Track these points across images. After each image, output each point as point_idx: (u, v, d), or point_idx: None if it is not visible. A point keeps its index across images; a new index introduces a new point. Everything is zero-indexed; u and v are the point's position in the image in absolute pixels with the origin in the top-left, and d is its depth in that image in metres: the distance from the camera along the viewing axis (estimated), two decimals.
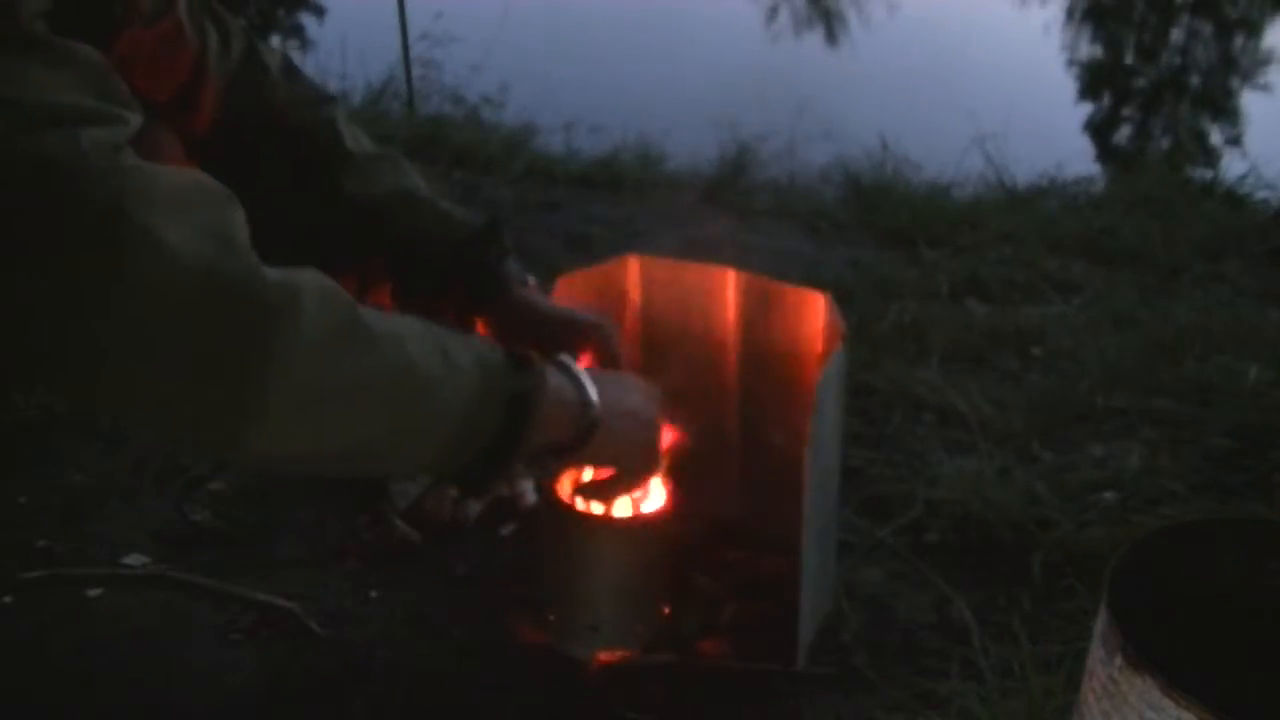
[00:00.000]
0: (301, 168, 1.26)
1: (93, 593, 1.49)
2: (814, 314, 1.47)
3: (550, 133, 4.01)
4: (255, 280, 0.78)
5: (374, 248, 1.27)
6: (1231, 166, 3.64)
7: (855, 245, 2.89)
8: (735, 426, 1.64)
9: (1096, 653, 0.90)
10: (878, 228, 3.01)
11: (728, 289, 1.56)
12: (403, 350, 0.87)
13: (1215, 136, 6.89)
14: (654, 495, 1.42)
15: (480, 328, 1.30)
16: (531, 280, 1.34)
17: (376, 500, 1.65)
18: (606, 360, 1.26)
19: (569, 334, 1.26)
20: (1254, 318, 2.38)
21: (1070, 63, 8.29)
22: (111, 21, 1.03)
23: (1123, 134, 7.27)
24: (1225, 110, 7.53)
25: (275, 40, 7.04)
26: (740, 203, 3.22)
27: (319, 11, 7.70)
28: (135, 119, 0.83)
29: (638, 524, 1.41)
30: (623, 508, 1.43)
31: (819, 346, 1.47)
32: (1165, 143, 6.95)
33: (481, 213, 1.37)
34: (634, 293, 1.60)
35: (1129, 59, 9.08)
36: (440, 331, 0.94)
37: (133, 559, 1.54)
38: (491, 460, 0.99)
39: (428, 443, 0.93)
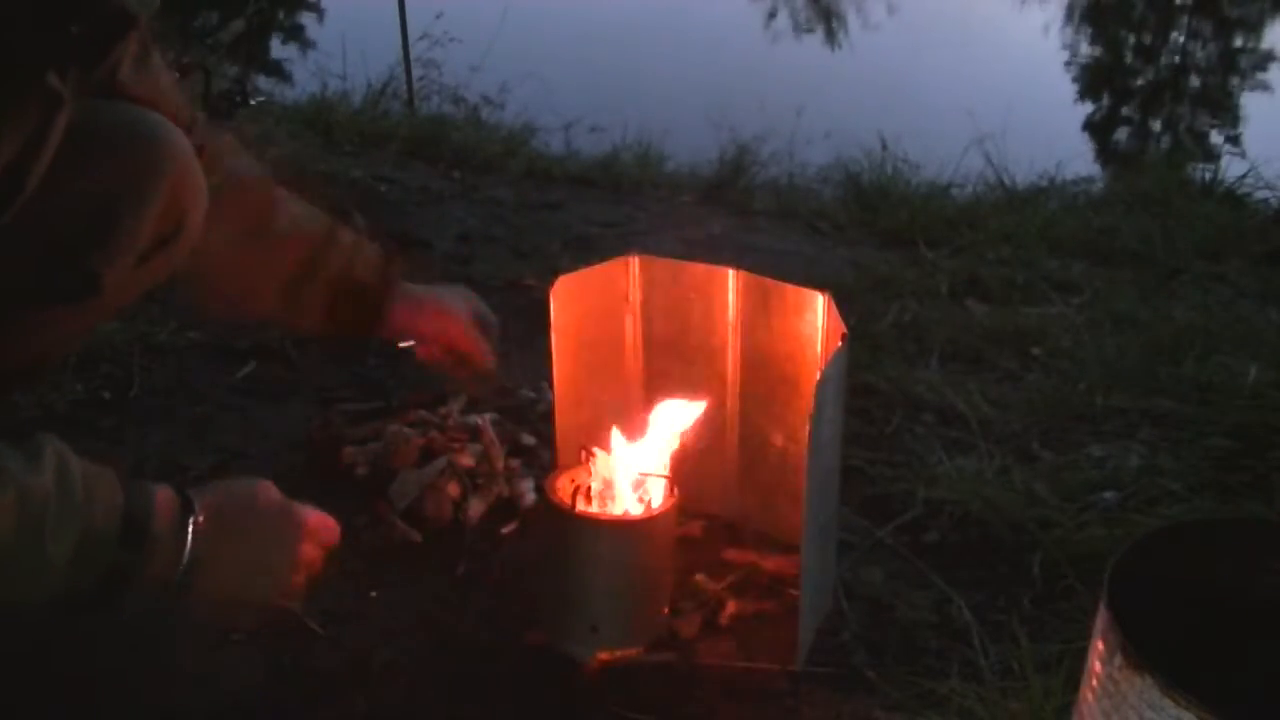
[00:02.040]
0: None
1: None
2: (814, 314, 1.47)
3: (550, 133, 4.01)
4: None
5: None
6: (1231, 166, 3.64)
7: (855, 245, 2.89)
8: (735, 427, 1.64)
9: (1096, 652, 0.90)
10: (878, 228, 3.01)
11: (728, 289, 1.56)
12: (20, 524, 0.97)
13: (1215, 136, 6.89)
14: (654, 496, 1.42)
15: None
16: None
17: (376, 500, 1.65)
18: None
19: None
20: (1254, 318, 2.38)
21: (1070, 63, 8.29)
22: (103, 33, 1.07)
23: (1122, 134, 7.28)
24: (1225, 110, 7.53)
25: (275, 41, 7.04)
26: (740, 203, 3.22)
27: (319, 11, 7.70)
28: None
29: (638, 524, 1.41)
30: (622, 508, 1.43)
31: (819, 346, 1.47)
32: (1165, 142, 6.95)
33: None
34: (634, 293, 1.60)
35: (1129, 59, 9.09)
36: (49, 513, 0.99)
37: None
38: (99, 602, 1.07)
39: (18, 602, 1.04)
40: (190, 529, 1.10)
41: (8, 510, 0.96)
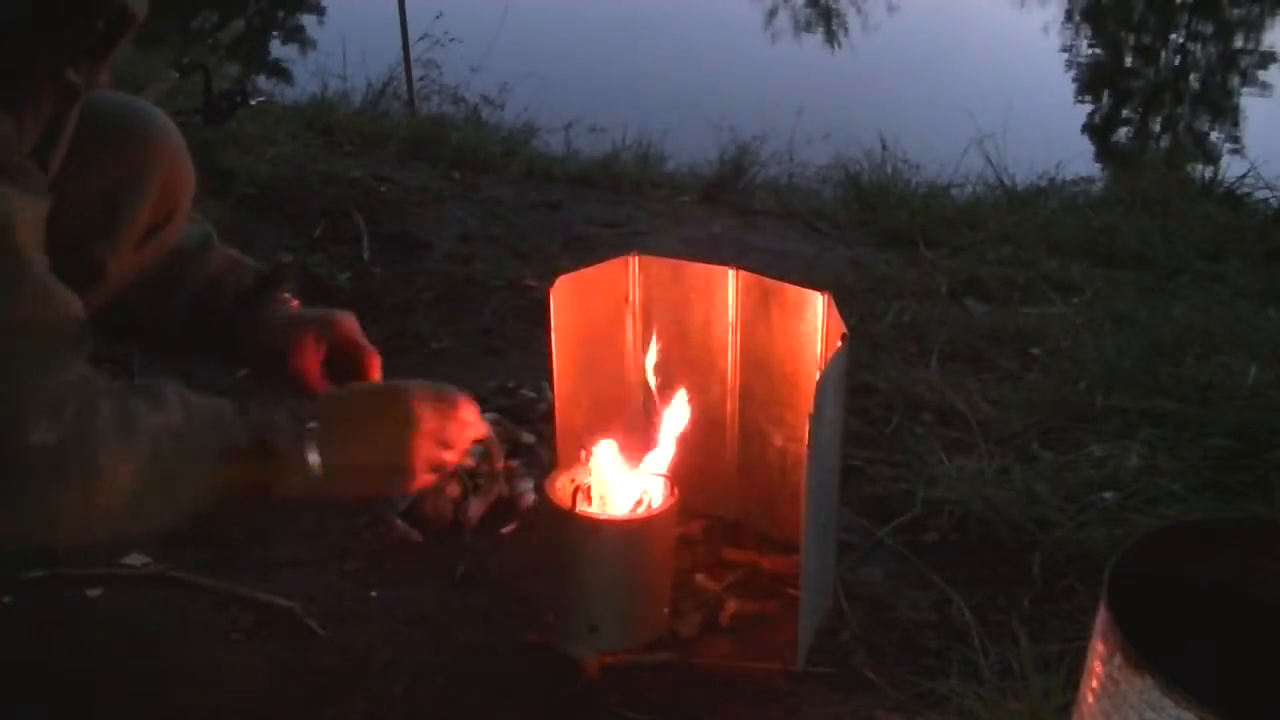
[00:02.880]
0: None
1: (93, 593, 1.49)
2: (814, 314, 1.47)
3: (550, 133, 4.02)
4: (20, 451, 0.96)
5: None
6: (1231, 166, 3.64)
7: (855, 245, 2.89)
8: (735, 427, 1.64)
9: (1096, 653, 0.90)
10: (877, 228, 3.01)
11: (728, 289, 1.56)
12: (124, 480, 1.03)
13: (1215, 136, 6.90)
14: (654, 496, 1.42)
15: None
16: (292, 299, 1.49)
17: (376, 500, 1.65)
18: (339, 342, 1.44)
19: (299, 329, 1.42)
20: (1254, 318, 2.38)
21: (1070, 63, 8.29)
22: (110, 26, 1.07)
23: (1122, 134, 7.28)
24: (1225, 110, 7.54)
25: (275, 41, 7.04)
26: (740, 203, 3.22)
27: (319, 11, 7.70)
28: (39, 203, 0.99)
29: (638, 524, 1.41)
30: (623, 508, 1.43)
31: (819, 346, 1.47)
32: (1165, 143, 6.96)
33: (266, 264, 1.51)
34: (634, 293, 1.60)
35: (1129, 59, 9.09)
36: (177, 435, 1.07)
37: (133, 559, 1.54)
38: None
39: (169, 522, 1.12)
40: (308, 428, 1.15)
41: (143, 448, 1.03)
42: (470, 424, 1.25)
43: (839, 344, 1.36)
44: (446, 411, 1.23)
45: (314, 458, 1.14)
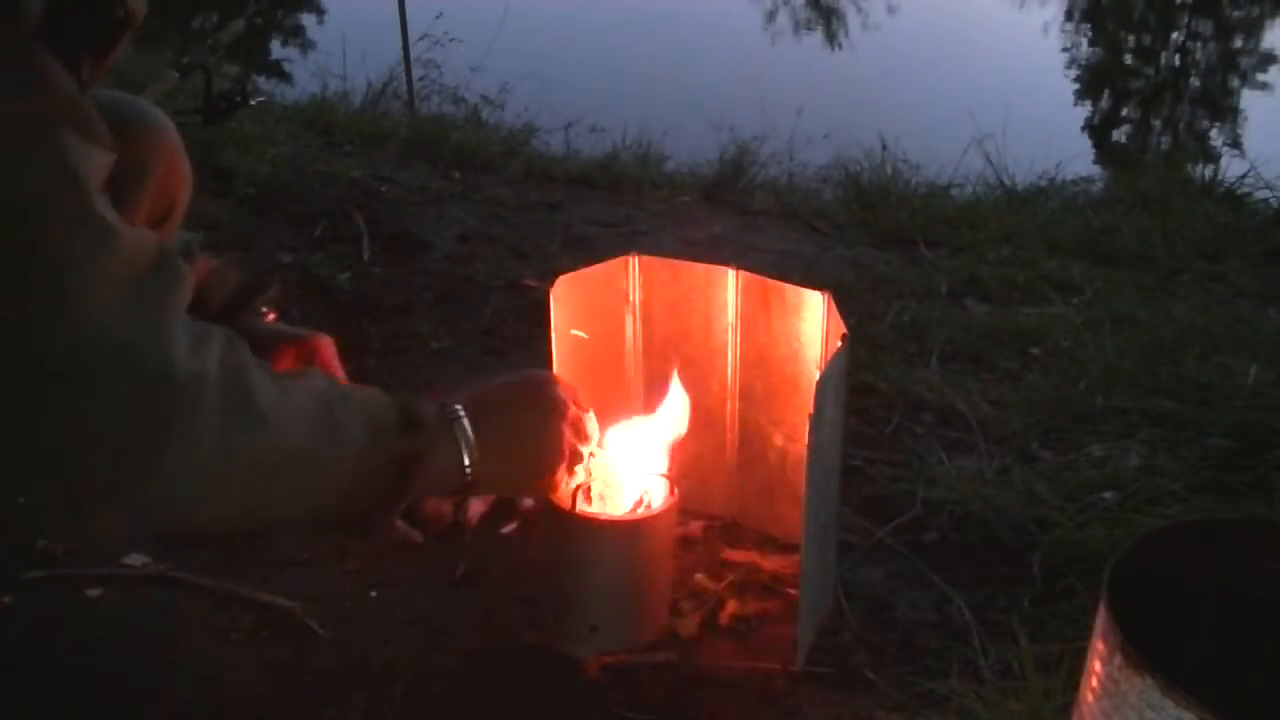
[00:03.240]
0: None
1: (93, 593, 1.49)
2: (814, 314, 1.47)
3: (550, 133, 4.02)
4: (167, 365, 0.86)
5: None
6: (1231, 166, 3.64)
7: (855, 245, 2.89)
8: (735, 427, 1.64)
9: (1096, 653, 0.90)
10: (877, 228, 3.01)
11: (728, 289, 1.56)
12: (293, 430, 0.96)
13: (1215, 136, 6.90)
14: (654, 496, 1.42)
15: None
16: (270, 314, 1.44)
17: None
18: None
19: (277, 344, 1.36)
20: (1254, 318, 2.38)
21: (1070, 63, 8.29)
22: (113, 25, 1.06)
23: (1122, 134, 7.28)
24: (1225, 110, 7.54)
25: (275, 41, 7.04)
26: (740, 203, 3.22)
27: (319, 12, 7.70)
28: (108, 157, 0.90)
29: (638, 524, 1.41)
30: (623, 508, 1.43)
31: (819, 346, 1.47)
32: (1165, 142, 6.96)
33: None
34: (634, 293, 1.60)
35: (1129, 59, 9.09)
36: (336, 397, 1.01)
37: (133, 559, 1.54)
38: (380, 507, 1.09)
39: (317, 504, 1.02)
40: (458, 415, 1.12)
41: (299, 412, 0.96)
42: (591, 413, 1.27)
43: (839, 344, 1.36)
44: (578, 400, 1.24)
45: (468, 440, 1.11)
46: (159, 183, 1.32)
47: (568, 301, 1.50)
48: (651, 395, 1.58)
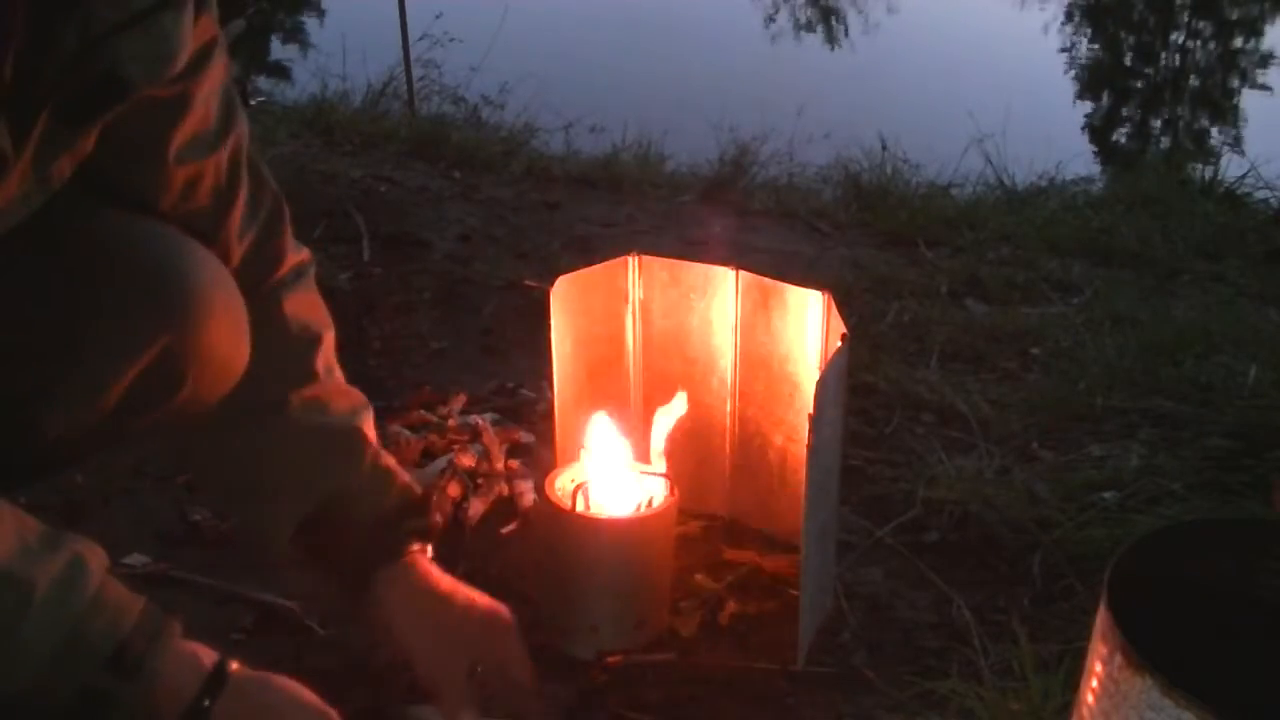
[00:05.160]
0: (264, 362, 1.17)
1: None
2: (814, 314, 1.47)
3: (550, 133, 4.01)
4: None
5: (296, 473, 1.19)
6: (1231, 166, 3.64)
7: (855, 245, 2.89)
8: (735, 427, 1.64)
9: (1096, 653, 0.90)
10: (877, 228, 3.01)
11: (728, 289, 1.56)
12: None
13: (1215, 136, 6.89)
14: (654, 496, 1.42)
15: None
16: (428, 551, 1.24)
17: None
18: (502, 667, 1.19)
19: (460, 638, 1.19)
20: (1254, 318, 2.38)
21: (1070, 63, 8.29)
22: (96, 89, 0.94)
23: (1122, 134, 7.27)
24: (1225, 110, 7.53)
25: (275, 41, 7.04)
26: (740, 203, 3.22)
27: (319, 12, 7.69)
28: None
29: (638, 524, 1.41)
30: (623, 508, 1.43)
31: (819, 346, 1.47)
32: (1165, 143, 6.95)
33: (416, 488, 1.27)
34: (634, 293, 1.60)
35: (1129, 59, 9.08)
36: (56, 600, 0.89)
37: (133, 559, 1.54)
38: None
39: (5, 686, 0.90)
40: (208, 694, 0.97)
41: None
42: None
43: (839, 344, 1.36)
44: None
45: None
46: (161, 352, 1.07)
47: (568, 301, 1.50)
48: (652, 395, 1.59)
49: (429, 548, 1.24)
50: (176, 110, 1.06)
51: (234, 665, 1.00)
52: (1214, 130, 7.15)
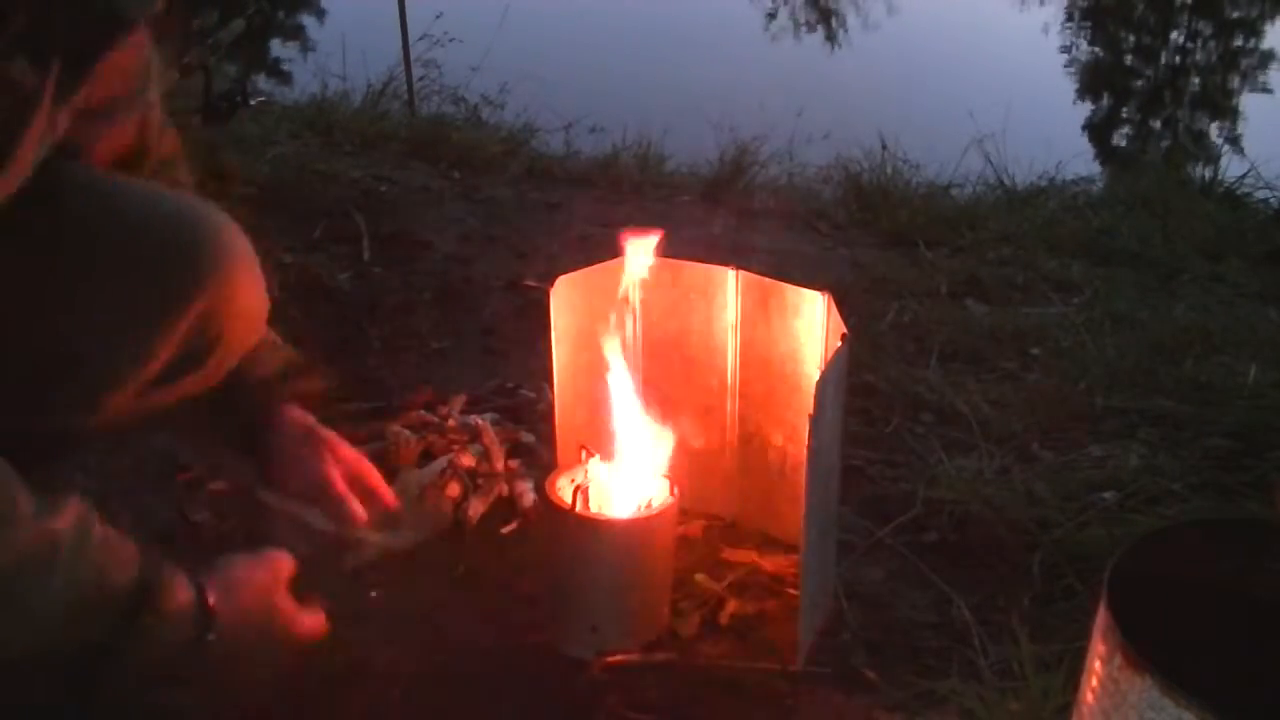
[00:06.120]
0: None
1: None
2: (814, 314, 1.47)
3: (550, 133, 4.01)
4: None
5: None
6: (1231, 166, 3.64)
7: (855, 245, 2.89)
8: (735, 427, 1.64)
9: (1096, 653, 0.90)
10: (878, 228, 3.01)
11: (728, 289, 1.56)
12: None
13: (1215, 136, 6.89)
14: (654, 496, 1.42)
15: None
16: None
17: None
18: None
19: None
20: (1254, 318, 2.38)
21: (1070, 63, 8.29)
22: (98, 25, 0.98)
23: (1122, 134, 7.27)
24: (1225, 110, 7.53)
25: (275, 42, 7.04)
26: (740, 203, 3.22)
27: (319, 12, 7.70)
28: None
29: (638, 524, 1.41)
30: (623, 508, 1.43)
31: (819, 346, 1.47)
32: (1165, 143, 6.95)
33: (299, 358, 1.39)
34: (634, 293, 1.60)
35: (1129, 59, 9.08)
36: (73, 554, 0.93)
37: None
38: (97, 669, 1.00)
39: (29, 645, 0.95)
40: (202, 610, 1.04)
41: (14, 545, 0.91)
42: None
43: (839, 344, 1.36)
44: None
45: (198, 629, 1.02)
46: (196, 319, 1.14)
47: (568, 301, 1.50)
48: (651, 395, 1.58)
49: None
50: None
51: (211, 599, 1.06)
52: (1214, 130, 7.15)
